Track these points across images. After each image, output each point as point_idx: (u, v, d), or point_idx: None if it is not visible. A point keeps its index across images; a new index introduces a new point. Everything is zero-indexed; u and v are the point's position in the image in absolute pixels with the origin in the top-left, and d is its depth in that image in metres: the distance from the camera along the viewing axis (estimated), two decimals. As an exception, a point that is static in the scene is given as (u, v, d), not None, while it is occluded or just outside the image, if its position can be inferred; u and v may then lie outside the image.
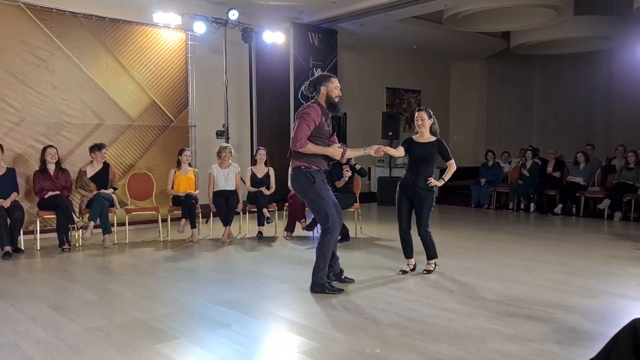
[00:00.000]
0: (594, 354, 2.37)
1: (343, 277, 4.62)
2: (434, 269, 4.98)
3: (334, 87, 4.29)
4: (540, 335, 3.34)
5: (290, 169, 4.44)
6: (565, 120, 14.50)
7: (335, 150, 4.27)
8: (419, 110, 4.96)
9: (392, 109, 13.28)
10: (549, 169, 9.65)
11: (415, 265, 5.01)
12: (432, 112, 4.97)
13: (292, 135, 4.21)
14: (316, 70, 10.30)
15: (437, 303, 4.04)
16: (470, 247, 6.33)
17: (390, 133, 10.99)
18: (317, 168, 4.26)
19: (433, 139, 4.92)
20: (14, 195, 6.14)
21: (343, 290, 4.33)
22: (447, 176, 4.98)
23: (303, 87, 4.44)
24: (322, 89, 4.28)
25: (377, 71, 13.12)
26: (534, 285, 4.55)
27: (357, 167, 6.95)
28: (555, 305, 3.96)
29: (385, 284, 4.61)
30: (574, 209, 9.22)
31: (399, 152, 4.87)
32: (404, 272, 4.95)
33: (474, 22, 10.77)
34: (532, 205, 9.55)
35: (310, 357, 3.03)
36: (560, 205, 9.06)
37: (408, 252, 4.99)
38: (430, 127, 4.90)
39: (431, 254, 4.97)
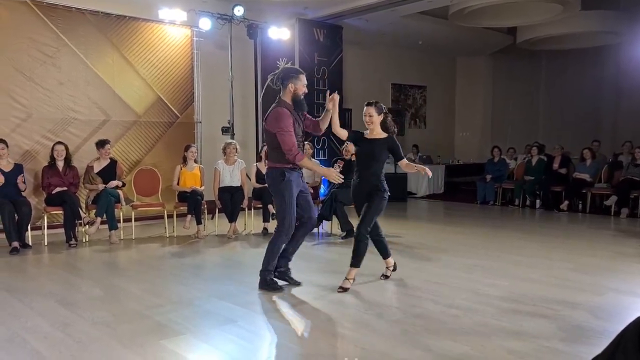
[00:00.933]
0: (599, 351, 2.36)
1: (288, 277, 4.45)
2: (352, 281, 4.36)
3: (301, 85, 4.14)
4: (546, 332, 3.34)
5: (266, 168, 4.40)
6: (571, 116, 14.42)
7: (329, 172, 4.27)
8: (368, 104, 4.38)
9: (397, 105, 13.26)
10: (555, 165, 9.62)
11: (395, 265, 4.70)
12: (384, 107, 4.43)
13: (283, 146, 4.07)
14: (321, 68, 10.30)
15: (442, 299, 4.04)
16: (475, 244, 6.32)
17: (395, 129, 10.95)
18: (292, 167, 4.19)
19: (384, 135, 4.39)
20: (20, 179, 6.19)
21: (283, 288, 4.26)
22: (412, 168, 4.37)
23: (270, 79, 4.25)
24: (290, 85, 4.11)
25: (382, 67, 13.09)
26: (539, 282, 4.54)
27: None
28: (561, 302, 3.96)
29: (389, 280, 4.61)
30: (580, 206, 9.18)
31: (342, 132, 4.33)
32: (386, 276, 4.63)
33: (480, 17, 10.72)
34: (537, 201, 9.51)
35: (316, 353, 3.05)
36: (566, 202, 9.03)
37: (385, 253, 4.64)
38: (383, 123, 4.38)
39: (355, 261, 4.33)
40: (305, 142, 4.42)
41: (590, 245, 6.27)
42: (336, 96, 4.24)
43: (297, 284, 4.44)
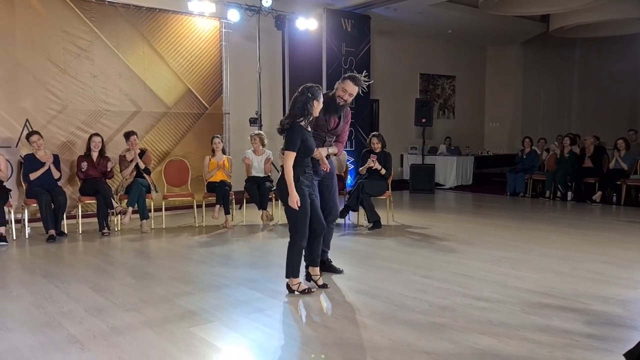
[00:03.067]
0: (631, 346, 2.33)
1: (333, 267, 4.57)
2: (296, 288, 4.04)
3: (342, 87, 4.16)
4: (577, 326, 3.29)
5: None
6: (607, 105, 14.01)
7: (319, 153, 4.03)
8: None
9: (425, 95, 13.12)
10: (588, 153, 9.40)
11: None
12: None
13: None
14: (348, 59, 10.26)
15: (469, 292, 4.01)
16: (505, 236, 6.24)
17: (423, 120, 10.87)
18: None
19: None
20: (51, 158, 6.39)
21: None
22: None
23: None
24: (337, 83, 4.23)
25: (411, 57, 12.95)
26: (570, 275, 4.47)
27: (382, 172, 6.86)
28: (592, 296, 3.89)
29: (416, 272, 4.60)
30: (614, 198, 8.96)
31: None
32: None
33: (511, 5, 10.48)
34: (569, 193, 9.32)
35: (342, 343, 3.07)
36: (599, 193, 8.82)
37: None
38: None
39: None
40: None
41: (624, 238, 6.12)
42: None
43: (340, 271, 4.55)
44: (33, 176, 6.24)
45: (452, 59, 13.88)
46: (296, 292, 3.98)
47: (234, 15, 8.42)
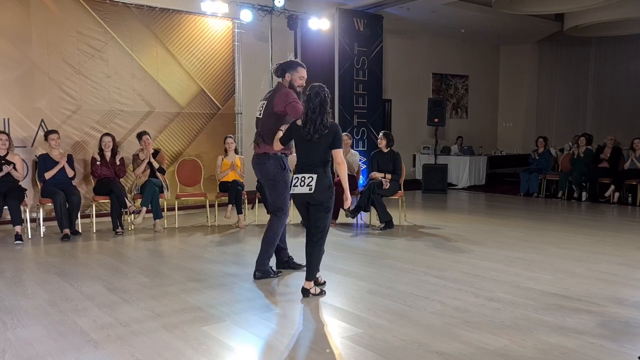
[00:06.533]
0: (646, 349, 2.29)
1: (293, 264, 4.69)
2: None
3: (298, 76, 4.28)
4: (590, 328, 3.25)
5: (255, 154, 4.51)
6: (623, 105, 13.81)
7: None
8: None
9: (438, 95, 13.06)
10: (604, 156, 9.28)
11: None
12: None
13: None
14: (361, 58, 10.24)
15: (482, 292, 3.99)
16: (518, 237, 6.19)
17: (436, 119, 10.81)
18: (285, 153, 4.37)
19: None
20: (62, 159, 6.43)
21: (281, 272, 4.45)
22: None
23: (273, 68, 4.44)
24: (287, 75, 4.30)
25: (423, 56, 12.90)
26: (584, 277, 4.42)
27: (386, 186, 6.85)
28: (607, 298, 3.84)
29: (428, 272, 4.58)
30: (629, 198, 8.84)
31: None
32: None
33: (525, 4, 10.38)
34: (584, 194, 9.22)
35: (354, 342, 3.07)
36: (612, 187, 8.73)
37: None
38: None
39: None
40: (344, 134, 4.41)
41: (639, 239, 6.03)
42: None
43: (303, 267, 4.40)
44: (48, 175, 6.32)
45: (465, 59, 13.81)
46: (311, 295, 3.93)
47: (246, 15, 8.46)
